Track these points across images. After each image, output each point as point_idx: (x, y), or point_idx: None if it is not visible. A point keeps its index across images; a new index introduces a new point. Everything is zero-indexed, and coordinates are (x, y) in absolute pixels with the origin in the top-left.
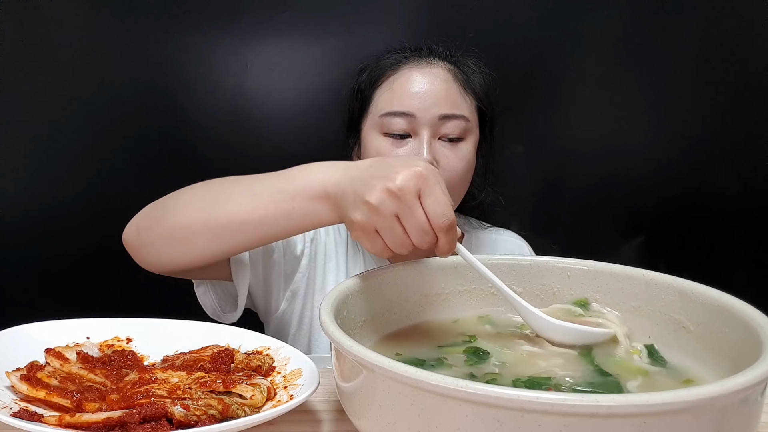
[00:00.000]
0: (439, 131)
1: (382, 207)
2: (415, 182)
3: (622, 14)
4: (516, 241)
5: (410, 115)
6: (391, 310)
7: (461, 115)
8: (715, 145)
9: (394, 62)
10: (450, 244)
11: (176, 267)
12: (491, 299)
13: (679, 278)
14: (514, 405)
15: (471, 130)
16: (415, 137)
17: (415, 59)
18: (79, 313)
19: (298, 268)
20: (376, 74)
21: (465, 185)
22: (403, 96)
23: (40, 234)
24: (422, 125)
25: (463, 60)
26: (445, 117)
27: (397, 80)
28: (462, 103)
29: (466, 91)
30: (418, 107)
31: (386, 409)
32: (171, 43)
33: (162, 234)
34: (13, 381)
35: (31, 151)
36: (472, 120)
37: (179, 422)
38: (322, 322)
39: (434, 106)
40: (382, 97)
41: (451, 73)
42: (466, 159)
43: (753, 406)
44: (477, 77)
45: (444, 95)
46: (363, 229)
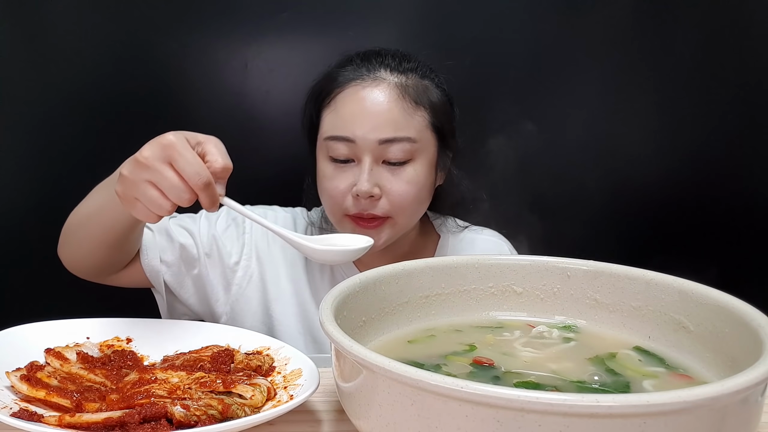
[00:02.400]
0: (382, 155)
1: (132, 175)
2: (160, 150)
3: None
4: (494, 239)
5: (350, 140)
6: (391, 310)
7: (406, 137)
8: (714, 145)
9: (342, 79)
10: (211, 198)
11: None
12: (491, 299)
13: (680, 278)
14: (514, 405)
15: (419, 150)
16: (358, 162)
17: (363, 75)
18: (79, 313)
19: (234, 280)
20: (325, 92)
21: (418, 206)
22: (344, 120)
23: (40, 234)
24: (363, 150)
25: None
26: (386, 141)
27: (341, 100)
28: (408, 123)
29: (416, 107)
30: (358, 132)
31: (386, 409)
32: (171, 43)
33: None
34: (13, 381)
35: (31, 151)
36: (421, 139)
37: (179, 422)
38: (322, 323)
39: (374, 130)
40: (328, 119)
41: (399, 89)
42: (412, 182)
43: (753, 406)
44: (433, 90)
45: (386, 118)
46: (122, 198)
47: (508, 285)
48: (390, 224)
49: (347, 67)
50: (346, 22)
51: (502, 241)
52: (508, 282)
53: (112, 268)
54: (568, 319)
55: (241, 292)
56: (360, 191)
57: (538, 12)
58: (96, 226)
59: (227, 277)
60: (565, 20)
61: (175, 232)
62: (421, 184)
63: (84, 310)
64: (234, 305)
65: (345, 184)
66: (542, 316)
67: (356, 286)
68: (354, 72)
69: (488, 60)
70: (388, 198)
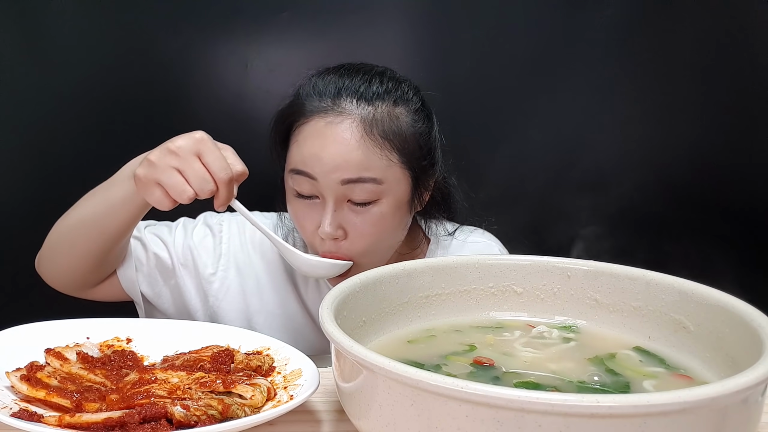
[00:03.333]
0: (346, 195)
1: (160, 161)
2: (192, 143)
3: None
4: (485, 240)
5: (312, 178)
6: (391, 310)
7: (370, 177)
8: (714, 145)
9: (306, 109)
10: (228, 194)
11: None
12: (491, 299)
13: (680, 278)
14: (515, 405)
15: (386, 190)
16: (322, 201)
17: (326, 108)
18: (79, 313)
19: (210, 291)
20: (291, 118)
21: (385, 246)
22: (305, 156)
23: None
24: (326, 190)
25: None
26: (349, 181)
27: (302, 133)
28: (372, 164)
29: (383, 144)
30: (319, 171)
31: (386, 409)
32: (171, 43)
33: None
34: (13, 381)
35: (31, 151)
36: (387, 179)
37: (179, 422)
38: (322, 322)
39: (336, 170)
40: (293, 149)
41: (364, 124)
42: (377, 224)
43: (753, 406)
44: (404, 119)
45: (348, 158)
46: (142, 181)
47: (508, 285)
48: (356, 266)
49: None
50: (346, 22)
51: (493, 241)
52: (508, 282)
53: (93, 281)
54: (568, 319)
55: (218, 303)
56: (322, 233)
57: (538, 12)
58: (86, 234)
59: (204, 288)
60: (566, 21)
61: (150, 242)
62: (387, 224)
63: (84, 310)
64: (213, 317)
65: (311, 222)
66: (542, 316)
67: (356, 286)
68: (319, 100)
69: (488, 60)
70: (351, 241)
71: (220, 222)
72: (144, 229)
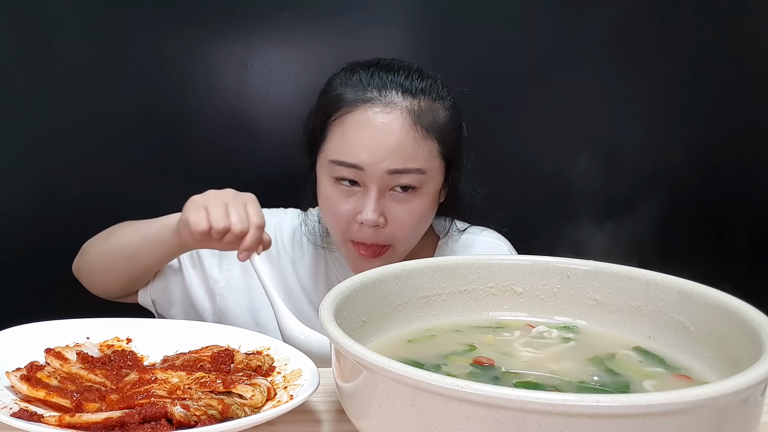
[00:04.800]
0: (389, 184)
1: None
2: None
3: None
4: (494, 240)
5: (358, 167)
6: (391, 310)
7: (415, 168)
8: (715, 144)
9: (350, 98)
10: (255, 240)
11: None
12: (491, 299)
13: (680, 278)
14: (514, 405)
15: (426, 180)
16: (364, 189)
17: (373, 97)
18: (79, 313)
19: (216, 289)
20: (333, 107)
21: (417, 234)
22: (352, 146)
23: (40, 234)
24: (371, 179)
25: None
26: (396, 172)
27: (349, 122)
28: (418, 154)
29: (427, 135)
30: (367, 161)
31: (386, 409)
32: (171, 43)
33: (84, 264)
34: (13, 381)
35: (31, 152)
36: (429, 168)
37: (179, 422)
38: (322, 322)
39: (384, 160)
40: (334, 138)
41: (411, 116)
42: (417, 213)
43: (753, 406)
44: (443, 111)
45: (396, 148)
46: (194, 202)
47: (508, 285)
48: (390, 252)
49: (354, 78)
50: (347, 22)
51: (502, 241)
52: (508, 282)
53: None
54: (568, 319)
55: (225, 302)
56: (365, 220)
57: (538, 12)
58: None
59: (211, 288)
60: (566, 21)
61: None
62: (425, 213)
63: (84, 310)
64: (220, 315)
65: (349, 210)
66: (542, 316)
67: (356, 286)
68: (363, 91)
69: (489, 60)
70: (392, 227)
71: None
72: None
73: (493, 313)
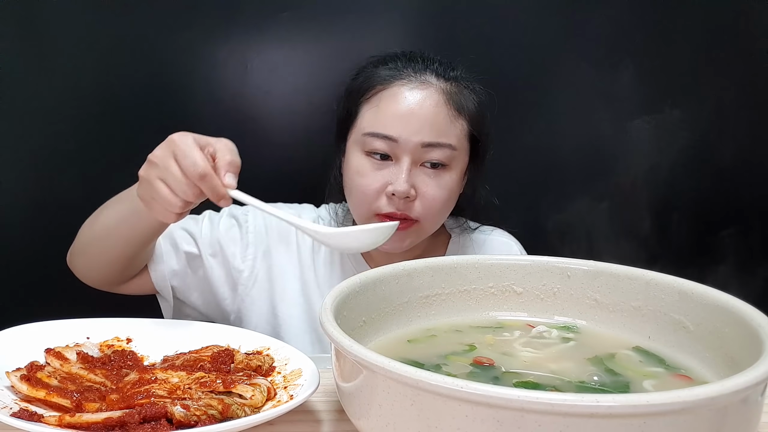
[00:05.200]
0: (422, 158)
1: (145, 174)
2: (166, 147)
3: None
4: (505, 240)
5: (392, 139)
6: (391, 310)
7: (447, 143)
8: (715, 144)
9: (386, 76)
10: (213, 190)
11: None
12: (491, 299)
13: (680, 278)
14: (514, 405)
15: (457, 157)
16: (396, 161)
17: (408, 75)
18: (79, 313)
19: (240, 280)
20: (366, 86)
21: (444, 213)
22: (387, 118)
23: (39, 234)
24: (404, 151)
25: (461, 78)
26: (429, 145)
27: (384, 97)
28: (450, 130)
29: (458, 115)
30: (401, 132)
31: (386, 409)
32: (171, 43)
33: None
34: (13, 381)
35: (31, 151)
36: (459, 147)
37: (179, 422)
38: (322, 322)
39: (418, 132)
40: (368, 114)
41: (445, 95)
42: (447, 188)
43: (753, 406)
44: (472, 100)
45: (431, 121)
46: (142, 199)
47: (508, 285)
48: (416, 228)
49: (389, 65)
50: (347, 23)
51: (512, 241)
52: (508, 282)
53: (124, 279)
54: (568, 319)
55: (247, 292)
56: (397, 191)
57: (538, 13)
58: (114, 240)
59: (233, 277)
60: (566, 21)
61: (179, 238)
62: (452, 191)
63: (84, 310)
64: (240, 305)
65: (379, 182)
66: (542, 316)
67: (356, 286)
68: (399, 71)
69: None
70: (421, 201)
71: (245, 213)
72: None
73: (493, 313)
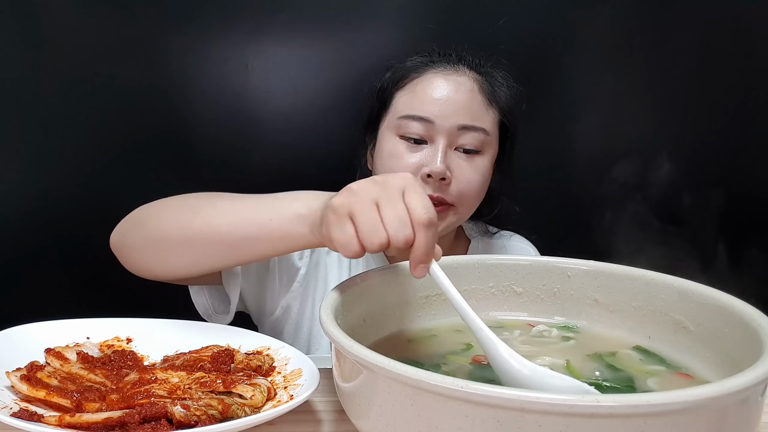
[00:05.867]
0: (456, 141)
1: (362, 191)
2: (400, 180)
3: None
4: (523, 245)
5: (429, 120)
6: (391, 310)
7: (481, 127)
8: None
9: (419, 65)
10: (427, 245)
11: (158, 274)
12: (491, 299)
13: (680, 278)
14: (515, 405)
15: (490, 144)
16: (431, 144)
17: (442, 64)
18: (79, 313)
19: (296, 278)
20: (400, 75)
21: (478, 199)
22: (424, 100)
23: (39, 234)
24: (440, 133)
25: (492, 71)
26: (464, 128)
27: (420, 84)
28: (484, 116)
29: (490, 104)
30: (438, 114)
31: (386, 409)
32: (171, 43)
33: (143, 239)
34: (13, 381)
35: (30, 151)
36: (492, 134)
37: (179, 422)
38: (322, 322)
39: (454, 115)
40: (403, 99)
41: (477, 83)
42: (481, 172)
43: (753, 406)
44: (503, 91)
45: (466, 105)
46: (336, 211)
47: (508, 285)
48: (453, 212)
49: (424, 57)
50: (347, 22)
51: (530, 247)
52: (508, 282)
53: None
54: (568, 319)
55: (301, 290)
56: (433, 172)
57: (538, 13)
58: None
59: (291, 273)
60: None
61: None
62: (486, 177)
63: (84, 310)
64: (291, 301)
65: (414, 164)
66: (542, 316)
67: (356, 286)
68: (432, 61)
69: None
70: (457, 184)
71: None
72: None
73: (493, 313)
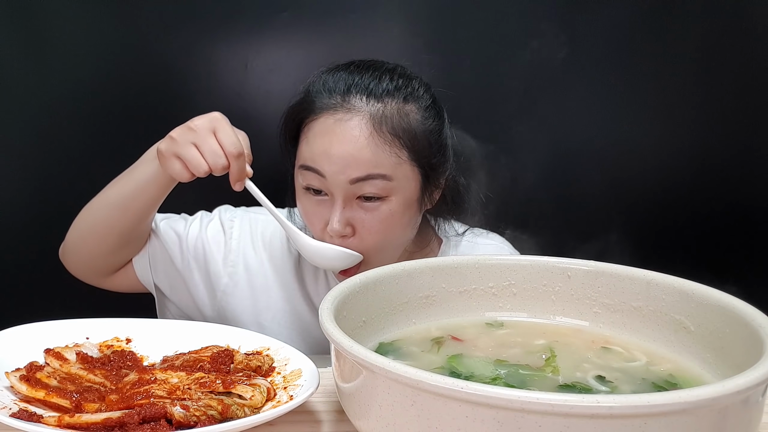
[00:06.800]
0: (355, 192)
1: (180, 137)
2: (209, 121)
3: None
4: (496, 243)
5: (322, 175)
6: (391, 310)
7: (379, 174)
8: (714, 145)
9: (317, 106)
10: (239, 170)
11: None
12: (491, 299)
13: (681, 279)
14: (515, 406)
15: (395, 187)
16: (331, 198)
17: (335, 105)
18: (79, 313)
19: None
20: (301, 114)
21: (397, 240)
22: (314, 152)
23: (39, 234)
24: (334, 188)
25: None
26: (358, 180)
27: (312, 130)
28: (382, 160)
29: (393, 141)
30: (328, 169)
31: (386, 409)
32: (171, 43)
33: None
34: (13, 381)
35: (30, 150)
36: (397, 176)
37: (179, 423)
38: (322, 322)
39: (345, 169)
40: (303, 146)
41: (374, 121)
42: (387, 220)
43: (754, 406)
44: (414, 116)
45: (356, 156)
46: (163, 154)
47: (508, 285)
48: (364, 263)
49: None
50: (346, 22)
51: (504, 244)
52: (508, 282)
53: (112, 266)
54: (568, 319)
55: (227, 299)
56: (331, 230)
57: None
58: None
59: (212, 283)
60: (567, 21)
61: (165, 235)
62: (396, 221)
63: (84, 310)
64: (220, 311)
65: (320, 219)
66: (542, 316)
67: (356, 286)
68: (329, 97)
69: (489, 61)
70: (361, 240)
71: (231, 219)
72: (160, 222)
73: (493, 313)
